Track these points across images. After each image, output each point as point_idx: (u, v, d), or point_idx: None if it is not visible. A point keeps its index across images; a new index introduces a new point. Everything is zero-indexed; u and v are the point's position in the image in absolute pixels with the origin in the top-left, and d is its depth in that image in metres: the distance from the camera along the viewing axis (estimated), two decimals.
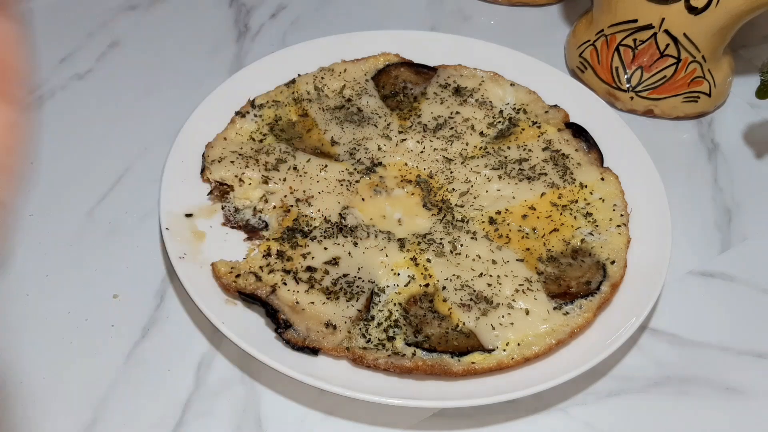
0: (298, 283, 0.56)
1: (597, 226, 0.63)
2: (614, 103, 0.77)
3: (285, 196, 0.62)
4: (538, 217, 0.63)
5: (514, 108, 0.72)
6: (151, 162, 0.69)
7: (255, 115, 0.68)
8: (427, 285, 0.58)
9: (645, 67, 0.75)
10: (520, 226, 0.62)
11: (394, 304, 0.56)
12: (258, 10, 0.86)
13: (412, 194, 0.64)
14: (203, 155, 0.64)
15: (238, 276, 0.56)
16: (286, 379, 0.52)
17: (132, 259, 0.62)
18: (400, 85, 0.73)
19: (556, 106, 0.72)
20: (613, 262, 0.60)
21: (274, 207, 0.62)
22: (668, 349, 0.59)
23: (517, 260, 0.60)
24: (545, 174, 0.66)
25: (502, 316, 0.56)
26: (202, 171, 0.63)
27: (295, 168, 0.64)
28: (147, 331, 0.57)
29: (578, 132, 0.70)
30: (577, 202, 0.64)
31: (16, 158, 0.28)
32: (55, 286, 0.60)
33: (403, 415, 0.54)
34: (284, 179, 0.63)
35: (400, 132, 0.69)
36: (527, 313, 0.56)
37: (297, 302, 0.55)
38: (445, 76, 0.74)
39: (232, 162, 0.63)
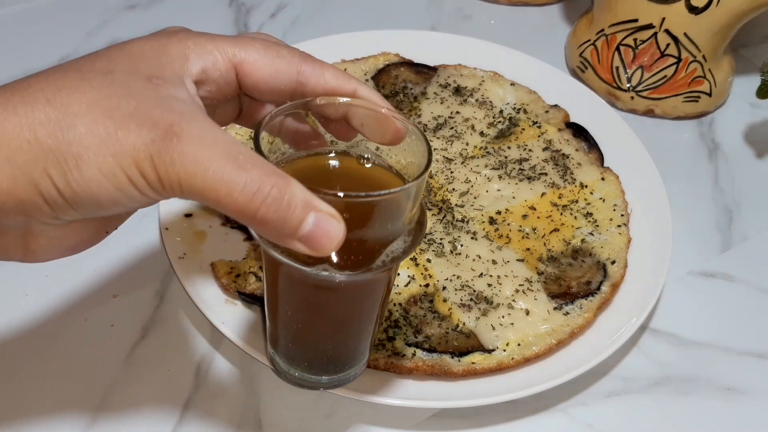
0: None
1: (597, 226, 0.62)
2: (615, 103, 0.77)
3: None
4: (538, 217, 0.63)
5: (515, 108, 0.72)
6: None
7: None
8: (427, 285, 0.58)
9: (645, 67, 0.75)
10: (521, 226, 0.62)
11: (394, 305, 0.56)
12: (258, 9, 0.86)
13: None
14: None
15: (238, 276, 0.56)
16: None
17: (132, 259, 0.62)
18: (400, 84, 0.73)
19: (556, 105, 0.72)
20: (613, 262, 0.60)
21: None
22: (668, 349, 0.59)
23: (517, 260, 0.60)
24: (545, 174, 0.66)
25: (503, 317, 0.56)
26: None
27: None
28: (147, 331, 0.57)
29: (578, 132, 0.70)
30: (577, 202, 0.64)
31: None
32: (55, 286, 0.59)
33: (403, 415, 0.54)
34: None
35: None
36: (527, 313, 0.56)
37: None
38: (445, 75, 0.74)
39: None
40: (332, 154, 0.44)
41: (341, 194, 0.35)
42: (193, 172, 0.32)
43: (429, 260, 0.59)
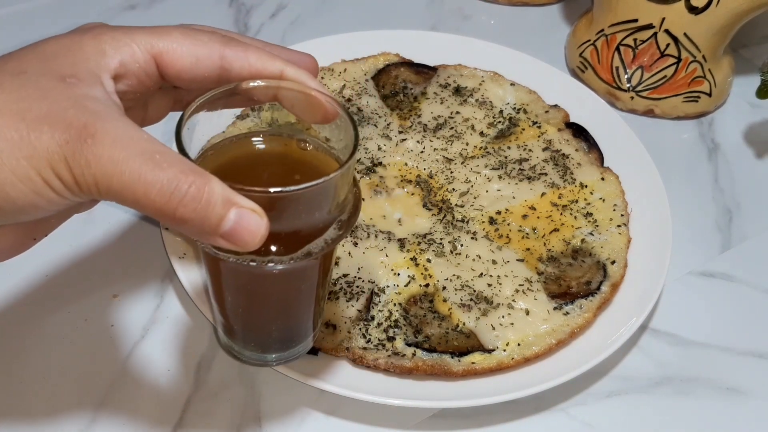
0: None
1: (597, 226, 0.62)
2: (614, 103, 0.77)
3: None
4: (538, 217, 0.63)
5: (515, 108, 0.72)
6: None
7: (255, 117, 0.68)
8: (427, 285, 0.58)
9: (645, 67, 0.75)
10: (521, 226, 0.62)
11: (394, 305, 0.56)
12: (258, 9, 0.86)
13: (412, 194, 0.64)
14: None
15: None
16: (286, 379, 0.52)
17: (132, 259, 0.62)
18: (400, 84, 0.73)
19: (556, 105, 0.72)
20: (613, 262, 0.60)
21: None
22: (668, 349, 0.59)
23: (517, 260, 0.60)
24: (545, 174, 0.66)
25: (503, 317, 0.56)
26: None
27: None
28: (147, 331, 0.57)
29: (578, 132, 0.70)
30: (577, 202, 0.64)
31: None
32: (55, 286, 0.59)
33: (403, 415, 0.54)
34: None
35: (400, 132, 0.68)
36: (527, 313, 0.56)
37: None
38: (445, 75, 0.74)
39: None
40: (269, 137, 0.43)
41: (261, 190, 0.35)
42: (110, 172, 0.32)
43: (429, 260, 0.59)
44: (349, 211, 0.41)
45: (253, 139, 0.43)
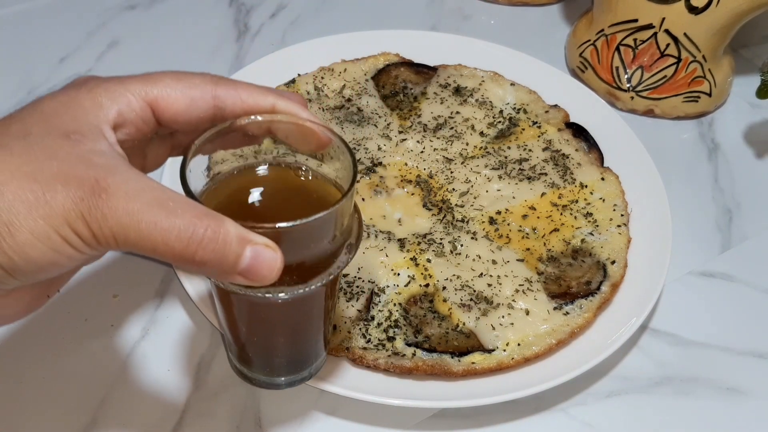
0: None
1: (597, 226, 0.62)
2: (614, 103, 0.77)
3: None
4: (538, 217, 0.63)
5: (515, 108, 0.72)
6: None
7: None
8: (427, 285, 0.58)
9: (645, 67, 0.75)
10: (521, 226, 0.62)
11: (394, 305, 0.56)
12: (258, 9, 0.86)
13: (412, 194, 0.64)
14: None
15: None
16: None
17: (132, 259, 0.62)
18: (400, 84, 0.73)
19: (556, 105, 0.72)
20: (613, 262, 0.60)
21: None
22: (668, 349, 0.59)
23: (517, 260, 0.60)
24: (545, 174, 0.66)
25: (503, 317, 0.56)
26: None
27: None
28: (147, 331, 0.57)
29: (578, 132, 0.70)
30: (577, 202, 0.64)
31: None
32: None
33: (403, 415, 0.54)
34: None
35: (400, 132, 0.69)
36: (527, 313, 0.56)
37: None
38: (445, 75, 0.74)
39: (232, 164, 0.63)
40: (271, 167, 0.44)
41: (270, 226, 0.36)
42: (126, 224, 0.33)
43: (429, 260, 0.59)
44: (354, 235, 0.42)
45: (257, 170, 0.44)
